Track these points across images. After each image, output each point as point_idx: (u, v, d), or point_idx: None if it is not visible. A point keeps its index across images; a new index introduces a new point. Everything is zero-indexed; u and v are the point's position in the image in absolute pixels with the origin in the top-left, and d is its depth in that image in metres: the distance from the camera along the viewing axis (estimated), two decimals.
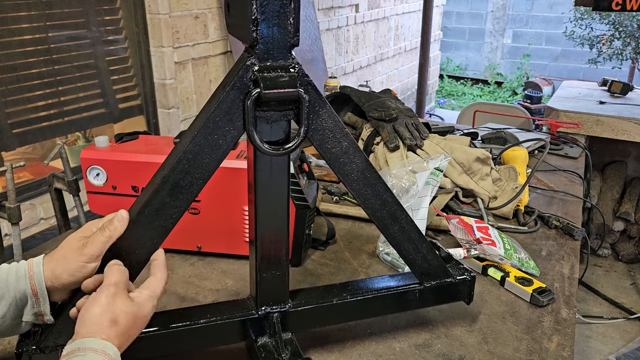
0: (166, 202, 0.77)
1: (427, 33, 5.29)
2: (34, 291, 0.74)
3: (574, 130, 2.52)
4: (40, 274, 0.74)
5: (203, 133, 0.75)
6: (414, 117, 1.81)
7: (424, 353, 1.00)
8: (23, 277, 0.74)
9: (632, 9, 2.72)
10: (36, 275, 0.74)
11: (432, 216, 1.46)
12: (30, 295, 0.74)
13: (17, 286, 0.73)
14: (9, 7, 2.12)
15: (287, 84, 0.74)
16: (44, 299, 0.74)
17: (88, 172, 1.27)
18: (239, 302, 0.92)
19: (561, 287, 1.22)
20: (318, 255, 1.35)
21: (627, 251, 3.34)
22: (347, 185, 0.87)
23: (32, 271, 0.74)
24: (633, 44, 6.28)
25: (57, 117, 2.37)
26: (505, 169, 1.76)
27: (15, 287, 0.73)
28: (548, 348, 1.01)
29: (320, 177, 1.79)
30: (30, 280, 0.73)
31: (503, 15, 8.73)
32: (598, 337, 2.73)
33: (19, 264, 0.76)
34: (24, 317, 0.75)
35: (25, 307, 0.75)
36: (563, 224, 1.49)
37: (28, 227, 2.19)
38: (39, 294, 0.74)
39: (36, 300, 0.74)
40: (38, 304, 0.74)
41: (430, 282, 0.99)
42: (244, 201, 1.22)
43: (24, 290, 0.73)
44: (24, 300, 0.74)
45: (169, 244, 1.25)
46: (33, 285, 0.73)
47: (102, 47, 2.52)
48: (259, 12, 0.71)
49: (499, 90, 8.56)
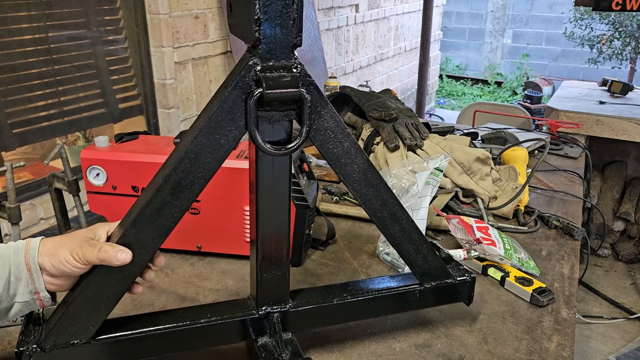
0: (167, 201, 0.77)
1: (427, 33, 5.29)
2: (28, 265, 0.75)
3: (574, 130, 2.52)
4: (35, 249, 0.76)
5: (205, 132, 0.75)
6: (414, 117, 1.81)
7: (424, 353, 1.00)
8: (20, 251, 0.76)
9: (632, 9, 2.72)
10: (31, 251, 0.76)
11: (432, 216, 1.46)
12: (23, 269, 0.75)
13: (14, 260, 0.76)
14: (9, 7, 2.12)
15: (289, 84, 0.74)
16: (37, 275, 0.76)
17: (88, 172, 1.27)
18: (239, 302, 0.92)
19: (561, 287, 1.22)
20: (318, 255, 1.35)
21: (627, 251, 3.34)
22: (348, 186, 0.87)
23: (29, 246, 0.77)
24: (633, 43, 6.29)
25: (57, 117, 2.37)
26: (505, 169, 1.76)
27: (11, 262, 0.76)
28: (548, 348, 1.01)
29: (320, 177, 1.80)
30: (25, 255, 0.76)
31: (503, 15, 8.74)
32: (598, 337, 2.74)
33: (20, 241, 0.78)
34: (19, 297, 0.76)
35: (19, 283, 0.76)
36: (563, 224, 1.49)
37: (28, 227, 2.19)
38: (32, 269, 0.75)
39: (30, 275, 0.75)
40: (32, 280, 0.76)
41: (430, 283, 0.99)
42: (244, 201, 1.22)
43: (18, 263, 0.75)
44: (18, 277, 0.75)
45: (169, 244, 1.25)
46: (27, 259, 0.75)
47: (102, 47, 2.52)
48: (262, 12, 0.71)
49: (499, 90, 8.57)
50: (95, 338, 0.80)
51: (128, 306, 1.11)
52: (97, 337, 0.80)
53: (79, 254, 0.75)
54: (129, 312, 1.01)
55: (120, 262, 0.75)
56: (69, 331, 0.78)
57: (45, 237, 0.79)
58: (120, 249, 0.75)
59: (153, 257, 0.83)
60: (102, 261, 0.75)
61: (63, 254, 0.75)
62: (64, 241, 0.77)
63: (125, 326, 0.83)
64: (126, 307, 1.10)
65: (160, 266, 0.85)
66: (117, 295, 0.79)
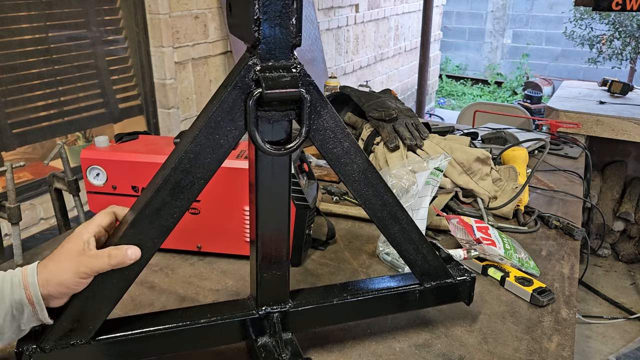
0: (167, 201, 0.77)
1: (427, 33, 5.29)
2: (30, 300, 0.73)
3: (574, 130, 2.52)
4: (35, 284, 0.73)
5: (205, 133, 0.75)
6: (414, 117, 1.81)
7: (424, 353, 1.00)
8: (18, 286, 0.73)
9: (632, 9, 2.72)
10: (31, 286, 0.73)
11: (432, 216, 1.46)
12: (26, 304, 0.73)
13: (12, 296, 0.73)
14: (9, 7, 2.12)
15: (289, 84, 0.74)
16: (40, 307, 0.74)
17: (88, 172, 1.27)
18: (239, 302, 0.92)
19: (561, 287, 1.22)
20: (318, 255, 1.35)
21: (627, 251, 3.34)
22: (348, 186, 0.87)
23: (27, 281, 0.73)
24: (633, 43, 6.29)
25: (57, 117, 2.37)
26: (505, 169, 1.76)
27: (10, 297, 0.73)
28: (548, 348, 1.01)
29: (320, 177, 1.80)
30: (26, 291, 0.73)
31: (503, 15, 8.74)
32: (598, 337, 2.74)
33: (13, 273, 0.75)
34: (23, 326, 0.75)
35: (22, 316, 0.74)
36: (563, 224, 1.49)
37: (28, 227, 2.19)
38: (35, 302, 0.73)
39: (33, 308, 0.73)
40: (35, 312, 0.74)
41: (430, 283, 0.99)
42: (244, 201, 1.22)
43: (20, 299, 0.73)
44: (20, 310, 0.73)
45: (169, 244, 1.25)
46: (29, 295, 0.73)
47: (102, 47, 2.52)
48: (261, 12, 0.71)
49: (499, 90, 8.57)
50: (95, 338, 0.80)
51: (128, 306, 1.11)
52: (97, 337, 0.80)
53: (86, 271, 0.74)
54: (129, 312, 1.01)
55: (133, 259, 0.75)
56: (69, 331, 0.78)
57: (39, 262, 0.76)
58: (127, 247, 0.75)
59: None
60: (116, 266, 0.75)
61: (68, 279, 0.73)
62: (62, 265, 0.74)
63: (125, 326, 0.82)
64: (126, 307, 1.10)
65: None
66: (117, 295, 0.79)
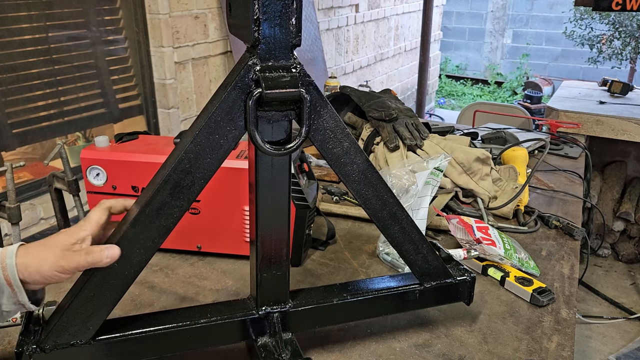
0: (167, 201, 0.77)
1: (427, 33, 5.29)
2: (8, 281, 0.72)
3: (574, 130, 2.52)
4: (13, 267, 0.72)
5: (204, 133, 0.75)
6: (414, 117, 1.81)
7: (424, 353, 1.00)
8: None
9: (632, 9, 2.72)
10: (9, 267, 0.72)
11: (432, 216, 1.46)
12: (4, 284, 0.72)
13: None
14: (9, 7, 2.12)
15: (288, 84, 0.74)
16: (19, 289, 0.73)
17: (88, 172, 1.27)
18: (239, 302, 0.92)
19: (561, 287, 1.22)
20: (318, 255, 1.35)
21: (627, 251, 3.34)
22: (347, 186, 0.87)
23: (5, 262, 0.72)
24: (633, 43, 6.29)
25: (57, 117, 2.37)
26: (505, 169, 1.76)
27: None
28: (548, 348, 1.01)
29: (320, 177, 1.80)
30: (3, 272, 0.72)
31: (503, 15, 8.73)
32: (598, 337, 2.73)
33: None
34: (4, 307, 0.74)
35: (2, 295, 0.73)
36: (563, 224, 1.49)
37: (28, 227, 2.19)
38: (13, 284, 0.72)
39: (12, 290, 0.73)
40: (15, 294, 0.73)
41: (430, 283, 0.99)
42: (244, 201, 1.22)
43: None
44: (1, 290, 0.73)
45: (169, 244, 1.25)
46: (6, 276, 0.72)
47: (102, 47, 2.52)
48: (261, 12, 0.71)
49: (499, 90, 8.57)
50: (95, 338, 0.80)
51: (128, 306, 1.11)
52: (97, 337, 0.80)
53: (64, 267, 0.73)
54: (129, 312, 1.01)
55: (109, 259, 0.74)
56: (69, 331, 0.78)
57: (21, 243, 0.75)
58: (105, 247, 0.74)
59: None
60: (93, 264, 0.74)
61: (46, 270, 0.73)
62: (44, 254, 0.74)
63: (125, 326, 0.83)
64: (126, 307, 1.10)
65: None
66: (117, 296, 0.79)
